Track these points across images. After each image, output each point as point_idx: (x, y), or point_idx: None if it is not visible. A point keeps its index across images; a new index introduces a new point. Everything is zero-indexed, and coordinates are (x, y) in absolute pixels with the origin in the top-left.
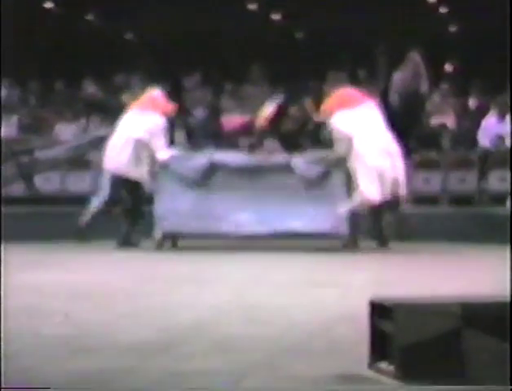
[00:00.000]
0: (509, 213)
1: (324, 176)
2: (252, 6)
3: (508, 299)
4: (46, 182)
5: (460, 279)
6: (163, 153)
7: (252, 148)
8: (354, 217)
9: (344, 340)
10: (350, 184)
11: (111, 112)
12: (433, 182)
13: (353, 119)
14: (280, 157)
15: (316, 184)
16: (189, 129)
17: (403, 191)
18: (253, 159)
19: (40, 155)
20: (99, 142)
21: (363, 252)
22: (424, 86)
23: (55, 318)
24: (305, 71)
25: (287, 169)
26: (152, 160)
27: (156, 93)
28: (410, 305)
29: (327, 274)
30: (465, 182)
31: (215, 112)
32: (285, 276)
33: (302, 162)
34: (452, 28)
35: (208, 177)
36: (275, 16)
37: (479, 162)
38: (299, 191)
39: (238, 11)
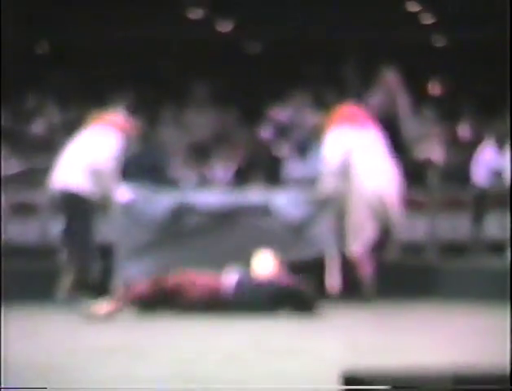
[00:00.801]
0: (508, 264)
1: (310, 219)
2: (194, 15)
3: (507, 370)
4: None
5: (451, 346)
6: (123, 192)
7: None
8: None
9: None
10: (340, 226)
11: (22, 143)
12: (418, 227)
13: (353, 138)
14: (258, 196)
15: (300, 229)
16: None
17: (395, 234)
18: (227, 199)
19: None
20: (9, 182)
21: (337, 310)
22: (404, 111)
23: None
24: (260, 91)
25: (266, 211)
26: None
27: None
28: (391, 377)
29: (289, 340)
30: (456, 227)
31: (151, 143)
32: (238, 343)
33: (285, 203)
34: (438, 42)
35: (176, 220)
36: (224, 26)
37: (473, 203)
38: (280, 234)
39: (178, 19)
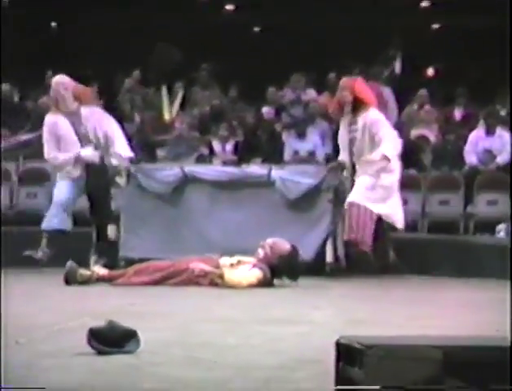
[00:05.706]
0: (498, 242)
1: (312, 192)
2: None
3: (501, 343)
4: None
5: (441, 319)
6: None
7: None
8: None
9: (304, 388)
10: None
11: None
12: (411, 204)
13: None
14: (260, 168)
15: (301, 202)
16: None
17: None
18: (228, 171)
19: None
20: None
21: (332, 283)
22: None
23: None
24: (264, 72)
25: (268, 182)
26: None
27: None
28: (382, 347)
29: (285, 310)
30: (448, 205)
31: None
32: (235, 312)
33: (286, 174)
34: (435, 26)
35: (179, 191)
36: (229, 7)
37: (465, 182)
38: (281, 209)
39: (184, 1)
